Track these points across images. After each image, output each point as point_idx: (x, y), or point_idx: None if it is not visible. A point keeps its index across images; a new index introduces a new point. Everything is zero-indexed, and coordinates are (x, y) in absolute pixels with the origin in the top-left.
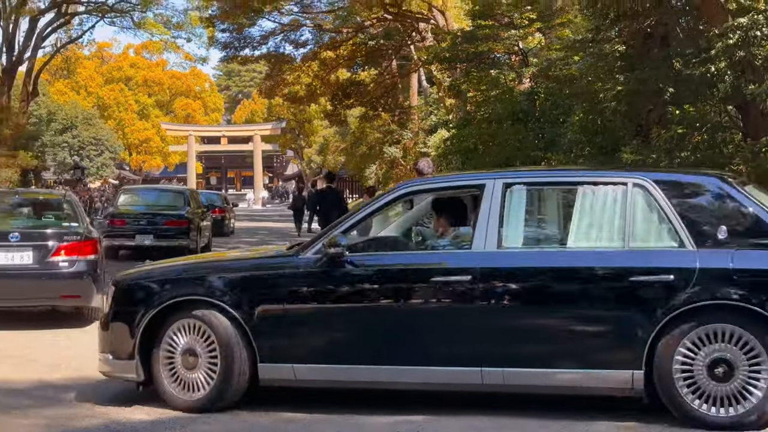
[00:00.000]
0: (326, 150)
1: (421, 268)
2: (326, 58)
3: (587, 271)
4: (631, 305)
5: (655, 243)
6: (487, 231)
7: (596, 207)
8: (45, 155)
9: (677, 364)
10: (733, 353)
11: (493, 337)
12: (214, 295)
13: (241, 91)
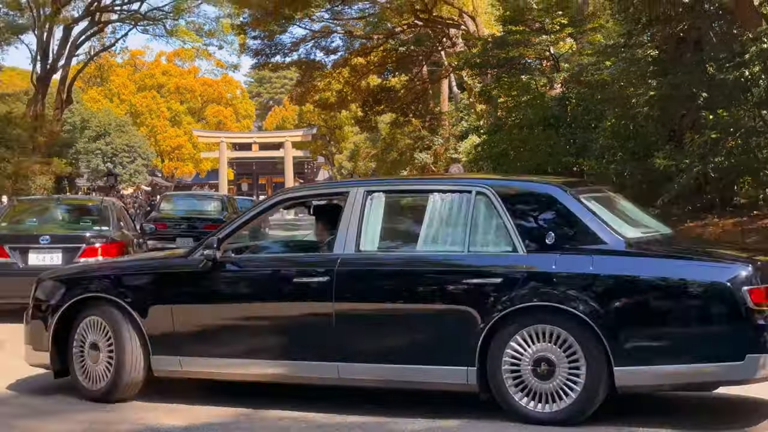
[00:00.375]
0: (357, 156)
1: (287, 269)
2: (357, 65)
3: (429, 273)
4: (465, 306)
5: (491, 248)
6: (347, 235)
7: (443, 213)
8: (79, 162)
9: (506, 362)
10: (555, 353)
11: (347, 334)
12: (114, 293)
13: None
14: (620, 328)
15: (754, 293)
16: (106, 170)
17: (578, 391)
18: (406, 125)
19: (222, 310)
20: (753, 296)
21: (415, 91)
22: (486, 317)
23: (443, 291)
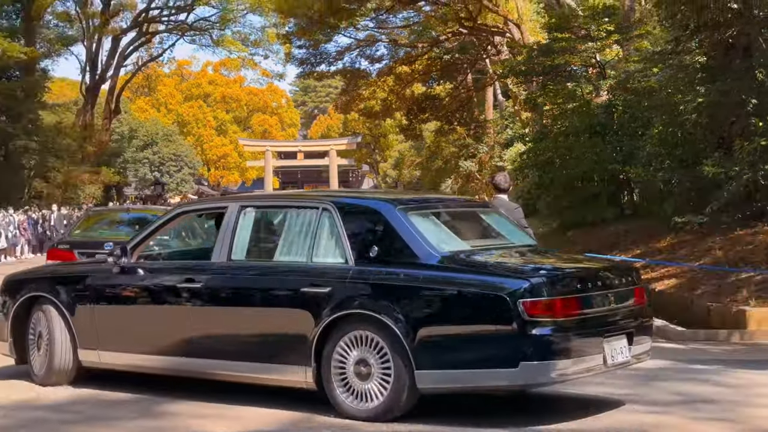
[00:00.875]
0: (401, 164)
1: (175, 275)
2: (401, 73)
3: (278, 281)
4: (305, 311)
5: (329, 259)
6: (221, 246)
7: (296, 227)
8: (126, 171)
9: (335, 363)
10: (372, 356)
11: (215, 335)
12: (52, 293)
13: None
14: (419, 335)
15: (529, 306)
16: (153, 179)
17: (389, 391)
18: (450, 133)
19: (127, 310)
20: (528, 308)
21: (459, 99)
22: (319, 322)
23: (288, 297)
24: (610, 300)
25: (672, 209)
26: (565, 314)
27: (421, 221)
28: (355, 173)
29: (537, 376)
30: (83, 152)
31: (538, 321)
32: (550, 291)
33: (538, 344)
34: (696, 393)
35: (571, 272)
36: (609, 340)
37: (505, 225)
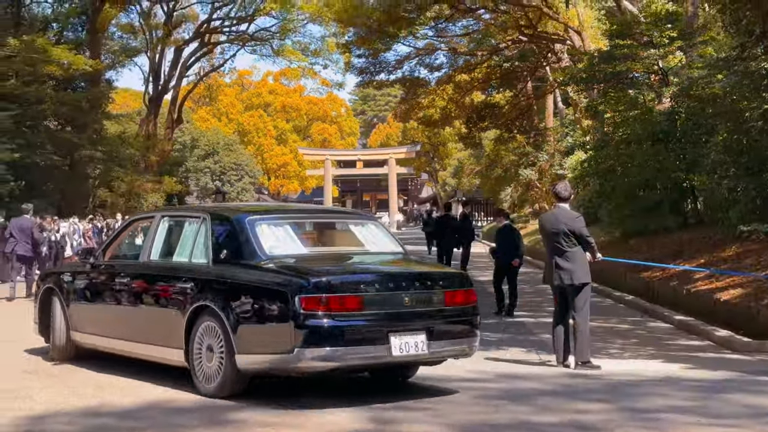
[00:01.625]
0: (461, 173)
1: (121, 271)
2: (461, 81)
3: (167, 277)
4: (180, 301)
5: (200, 260)
6: (145, 248)
7: (188, 233)
8: (188, 180)
9: (195, 348)
10: (215, 342)
11: (134, 320)
12: (57, 285)
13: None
14: (238, 324)
15: (305, 301)
16: (214, 188)
17: (221, 372)
18: (510, 141)
19: (89, 299)
20: (304, 303)
21: (519, 107)
22: (185, 312)
23: (172, 291)
24: (405, 300)
25: (737, 217)
26: (341, 309)
27: (267, 230)
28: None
29: (311, 362)
30: (146, 161)
31: (313, 314)
32: (327, 289)
33: (311, 334)
34: (765, 406)
35: (358, 274)
36: (400, 334)
37: (373, 235)
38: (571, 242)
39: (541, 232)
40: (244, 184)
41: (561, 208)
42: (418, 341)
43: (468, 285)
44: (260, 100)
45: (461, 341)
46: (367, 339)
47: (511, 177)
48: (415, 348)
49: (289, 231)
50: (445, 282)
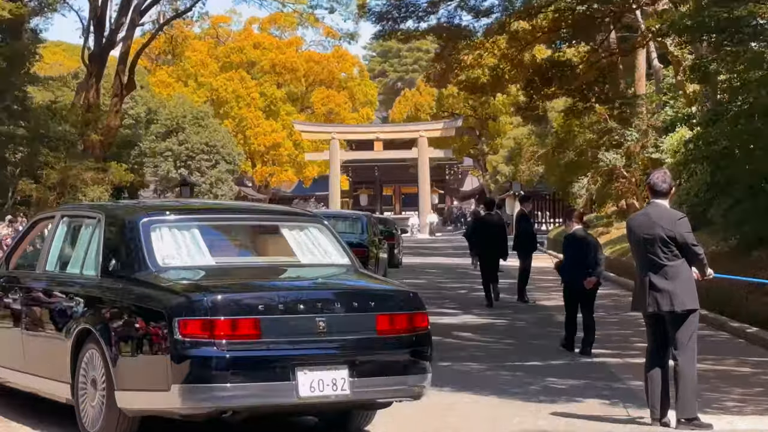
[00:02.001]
0: (517, 157)
1: (6, 286)
2: (518, 31)
3: (54, 294)
4: (63, 325)
5: (89, 271)
6: (40, 256)
7: (85, 237)
8: (143, 168)
9: (80, 382)
10: (99, 374)
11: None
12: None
13: (401, 78)
14: (118, 353)
15: (184, 324)
16: (179, 178)
17: (103, 413)
18: (586, 114)
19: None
20: (182, 328)
21: (599, 66)
22: (70, 337)
23: (58, 309)
24: (320, 325)
25: None
26: (232, 336)
27: (166, 235)
28: (453, 169)
29: (192, 402)
30: (85, 142)
31: (194, 342)
32: (213, 310)
33: (192, 367)
34: None
35: (258, 292)
36: (310, 369)
37: (313, 242)
38: (672, 253)
39: (630, 240)
40: (220, 172)
41: (657, 206)
42: (336, 378)
43: (415, 307)
44: (242, 58)
45: (402, 379)
46: (266, 374)
47: (588, 163)
48: (333, 387)
49: (197, 236)
50: (379, 303)
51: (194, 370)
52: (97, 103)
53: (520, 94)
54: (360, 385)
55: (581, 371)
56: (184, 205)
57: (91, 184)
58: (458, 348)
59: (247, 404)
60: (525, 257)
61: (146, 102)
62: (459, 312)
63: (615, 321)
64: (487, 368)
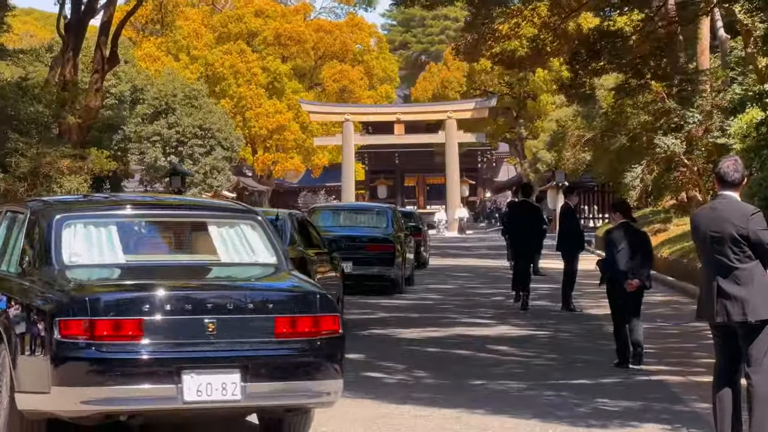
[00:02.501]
0: (561, 142)
1: None
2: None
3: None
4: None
5: (10, 268)
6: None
7: (13, 233)
8: (127, 155)
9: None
10: (4, 377)
11: None
12: None
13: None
14: (17, 353)
15: (64, 325)
16: (168, 167)
17: (6, 418)
18: (640, 92)
19: None
20: (62, 328)
21: (655, 37)
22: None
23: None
24: (208, 326)
25: None
26: (113, 337)
27: (79, 231)
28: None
29: (71, 405)
30: (61, 125)
31: (74, 342)
32: (94, 310)
33: (71, 368)
34: None
35: (141, 291)
36: (198, 372)
37: (241, 240)
38: (744, 254)
39: (694, 238)
40: (215, 160)
41: (727, 199)
42: (226, 382)
43: (323, 309)
44: (241, 28)
45: (304, 384)
46: (149, 377)
47: (642, 148)
48: (222, 391)
49: (113, 234)
50: (279, 305)
51: (73, 372)
52: (75, 80)
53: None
54: (254, 390)
55: (637, 391)
56: (105, 200)
57: (67, 173)
58: (493, 363)
59: (129, 408)
60: (570, 258)
61: (131, 79)
62: (494, 322)
63: (676, 332)
64: (528, 387)
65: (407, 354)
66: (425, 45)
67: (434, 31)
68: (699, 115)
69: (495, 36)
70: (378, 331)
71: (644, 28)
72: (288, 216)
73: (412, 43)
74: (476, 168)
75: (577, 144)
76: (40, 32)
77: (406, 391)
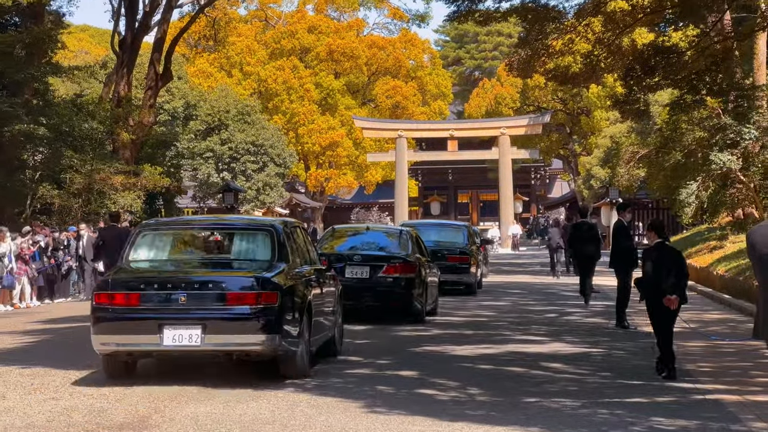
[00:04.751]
0: (615, 158)
1: None
2: (615, 12)
3: None
4: None
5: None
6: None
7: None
8: (180, 171)
9: None
10: None
11: None
12: None
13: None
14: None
15: (98, 296)
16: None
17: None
18: (695, 108)
19: None
20: (97, 298)
21: (710, 53)
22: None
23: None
24: (180, 299)
25: None
26: (120, 303)
27: (148, 237)
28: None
29: (96, 345)
30: (115, 141)
31: (103, 307)
32: (112, 286)
33: (101, 323)
34: None
35: (139, 275)
36: (173, 327)
37: (253, 243)
38: None
39: (750, 255)
40: (268, 176)
41: None
42: (192, 334)
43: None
44: (294, 43)
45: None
46: (139, 330)
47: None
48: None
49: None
50: (231, 284)
51: (98, 324)
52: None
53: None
54: (209, 340)
55: (693, 410)
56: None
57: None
58: (547, 381)
59: (130, 349)
60: (624, 275)
61: (184, 95)
62: (548, 339)
63: (732, 351)
64: (582, 405)
65: (460, 371)
66: (478, 61)
67: (487, 47)
68: (755, 131)
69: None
70: (431, 348)
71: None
72: (409, 231)
73: (466, 59)
74: (529, 184)
75: (631, 160)
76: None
77: (459, 408)
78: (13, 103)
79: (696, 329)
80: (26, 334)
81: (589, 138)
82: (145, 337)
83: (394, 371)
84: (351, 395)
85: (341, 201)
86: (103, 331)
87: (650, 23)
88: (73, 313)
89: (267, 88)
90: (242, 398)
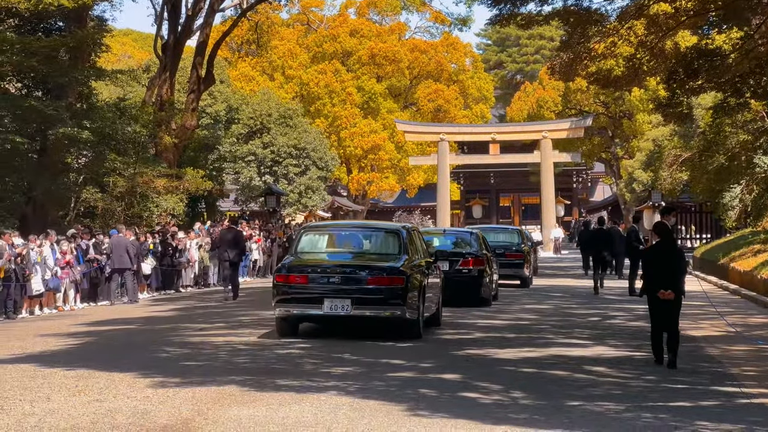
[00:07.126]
0: (657, 162)
1: None
2: (658, 15)
3: None
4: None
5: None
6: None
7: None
8: (222, 174)
9: None
10: None
11: None
12: None
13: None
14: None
15: (276, 277)
16: (263, 186)
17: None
18: (739, 111)
19: None
20: (276, 278)
21: (755, 55)
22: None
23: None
24: (336, 280)
25: None
26: (294, 282)
27: (310, 236)
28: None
29: (279, 311)
30: (157, 145)
31: (282, 285)
32: (288, 270)
33: (281, 295)
34: None
35: (307, 263)
36: (331, 299)
37: (387, 241)
38: None
39: None
40: (310, 179)
41: None
42: (344, 305)
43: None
44: (336, 47)
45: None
46: (309, 301)
47: (741, 169)
48: (343, 310)
49: (323, 237)
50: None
51: (278, 296)
52: (171, 100)
53: (661, 88)
54: (355, 310)
55: (738, 414)
56: (325, 224)
57: (163, 192)
58: (590, 384)
59: (300, 314)
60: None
61: (226, 99)
62: (591, 342)
63: None
64: (625, 409)
65: (503, 374)
66: (520, 64)
67: (529, 51)
68: None
69: (591, 55)
70: (474, 351)
71: (743, 46)
72: (477, 233)
73: (507, 63)
74: (571, 188)
75: (674, 164)
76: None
77: (502, 411)
78: (58, 106)
79: (740, 333)
80: (70, 337)
81: (631, 141)
82: (311, 305)
83: (437, 374)
84: (394, 398)
85: (383, 204)
86: (282, 302)
87: (693, 26)
88: (115, 315)
89: (309, 91)
90: (285, 401)
